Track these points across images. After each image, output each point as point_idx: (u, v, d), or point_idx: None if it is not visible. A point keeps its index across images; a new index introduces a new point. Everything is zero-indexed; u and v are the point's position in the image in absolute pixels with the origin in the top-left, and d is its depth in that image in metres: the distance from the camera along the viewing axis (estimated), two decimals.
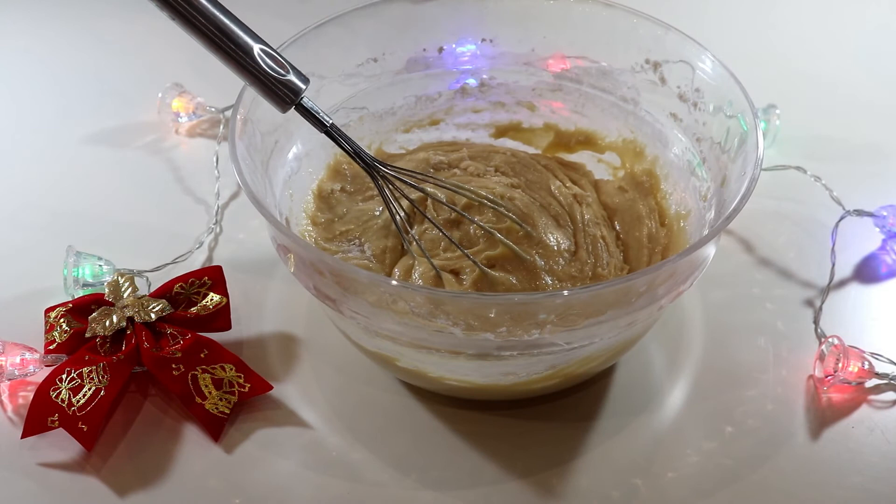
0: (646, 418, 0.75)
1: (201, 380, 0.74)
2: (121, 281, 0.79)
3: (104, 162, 0.97)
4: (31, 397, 0.73)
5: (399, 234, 0.77)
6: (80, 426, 0.71)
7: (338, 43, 0.81)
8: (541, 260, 0.76)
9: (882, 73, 1.08)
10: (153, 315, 0.77)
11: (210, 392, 0.74)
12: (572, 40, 0.85)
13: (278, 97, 0.70)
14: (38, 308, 0.80)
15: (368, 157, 0.74)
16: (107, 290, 0.79)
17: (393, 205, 0.75)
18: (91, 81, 1.07)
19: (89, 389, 0.73)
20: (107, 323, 0.77)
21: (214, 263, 0.86)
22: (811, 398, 0.76)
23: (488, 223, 0.77)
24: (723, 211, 0.71)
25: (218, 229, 0.90)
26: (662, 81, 0.81)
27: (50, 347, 0.77)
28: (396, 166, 0.78)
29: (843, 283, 0.85)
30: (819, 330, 0.81)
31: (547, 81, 0.87)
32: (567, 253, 0.78)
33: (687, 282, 0.69)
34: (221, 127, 0.99)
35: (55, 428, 0.72)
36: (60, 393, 0.73)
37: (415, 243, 0.77)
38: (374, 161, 0.74)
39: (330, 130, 0.72)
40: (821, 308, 0.82)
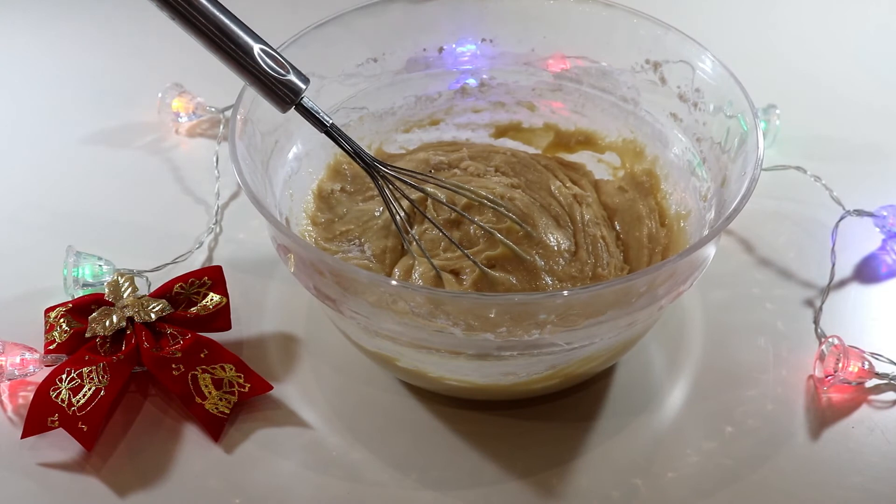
0: (646, 418, 0.75)
1: (201, 380, 0.74)
2: (121, 281, 0.79)
3: (104, 162, 0.97)
4: (31, 397, 0.73)
5: (399, 235, 0.77)
6: (80, 426, 0.71)
7: (338, 43, 0.81)
8: (541, 260, 0.76)
9: (882, 73, 1.08)
10: (153, 315, 0.77)
11: (210, 392, 0.74)
12: (572, 40, 0.85)
13: (278, 97, 0.70)
14: (38, 308, 0.80)
15: (368, 157, 0.74)
16: (107, 290, 0.79)
17: (393, 205, 0.75)
18: (91, 81, 1.07)
19: (89, 389, 0.73)
20: (107, 323, 0.77)
21: (214, 263, 0.86)
22: (811, 398, 0.76)
23: (488, 223, 0.77)
24: (723, 211, 0.71)
25: (218, 229, 0.90)
26: (662, 81, 0.81)
27: (50, 347, 0.77)
28: (396, 166, 0.78)
29: (844, 283, 0.85)
30: (819, 330, 0.81)
31: (547, 81, 0.87)
32: (567, 253, 0.78)
33: (687, 282, 0.69)
34: (221, 127, 0.99)
35: (55, 428, 0.72)
36: (60, 393, 0.73)
37: (415, 243, 0.77)
38: (374, 161, 0.74)
39: (330, 130, 0.72)
40: (821, 308, 0.82)
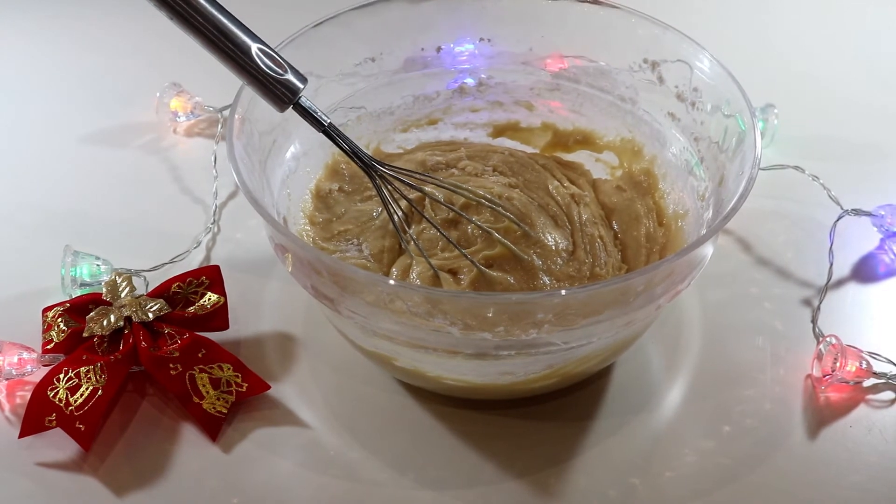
0: (644, 418, 0.75)
1: (199, 379, 0.74)
2: (118, 280, 0.79)
3: (102, 161, 0.97)
4: (29, 397, 0.73)
5: (397, 234, 0.77)
6: (78, 426, 0.71)
7: (336, 42, 0.81)
8: (539, 260, 0.76)
9: (880, 73, 1.08)
10: (151, 315, 0.77)
11: (208, 392, 0.74)
12: (570, 40, 0.85)
13: (276, 97, 0.70)
14: (36, 308, 0.80)
15: (366, 157, 0.74)
16: (104, 290, 0.79)
17: (391, 204, 0.75)
18: (89, 81, 1.07)
19: (87, 389, 0.73)
20: (104, 322, 0.77)
21: (212, 263, 0.86)
22: (809, 397, 0.76)
23: (486, 223, 0.77)
24: (721, 210, 0.71)
25: (216, 229, 0.90)
26: (660, 81, 0.81)
27: (47, 347, 0.77)
28: (394, 166, 0.78)
29: (841, 283, 0.85)
30: (817, 329, 0.81)
31: (545, 81, 0.87)
32: (565, 252, 0.78)
33: (685, 281, 0.69)
34: (219, 126, 0.99)
35: (53, 427, 0.72)
36: (58, 392, 0.73)
37: (413, 243, 0.77)
38: (372, 161, 0.74)
39: (328, 130, 0.72)
40: (819, 307, 0.82)
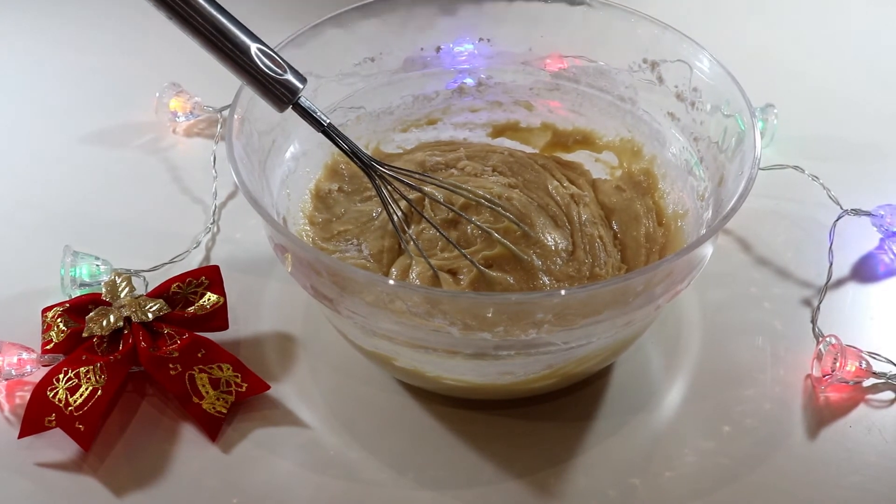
0: (643, 418, 0.75)
1: (198, 379, 0.74)
2: (118, 281, 0.79)
3: (101, 161, 0.97)
4: (29, 397, 0.73)
5: (396, 234, 0.77)
6: (78, 426, 0.71)
7: (335, 42, 0.81)
8: (538, 260, 0.76)
9: (880, 73, 1.08)
10: (150, 315, 0.77)
11: (207, 392, 0.74)
12: (570, 40, 0.85)
13: (275, 97, 0.70)
14: (35, 308, 0.80)
15: (366, 157, 0.74)
16: (104, 290, 0.79)
17: (390, 205, 0.75)
18: (88, 81, 1.07)
19: (86, 389, 0.73)
20: (104, 323, 0.76)
21: (212, 263, 0.85)
22: (809, 397, 0.76)
23: (486, 223, 0.77)
24: (720, 210, 0.71)
25: (215, 229, 0.90)
26: (660, 81, 0.81)
27: (47, 347, 0.77)
28: (394, 166, 0.78)
29: (841, 283, 0.85)
30: (817, 329, 0.81)
31: (544, 81, 0.87)
32: (564, 253, 0.78)
33: (684, 281, 0.69)
34: (219, 126, 0.99)
35: (52, 428, 0.72)
36: (57, 393, 0.73)
37: (412, 243, 0.77)
38: (372, 161, 0.74)
39: (327, 130, 0.72)
40: (818, 307, 0.82)
